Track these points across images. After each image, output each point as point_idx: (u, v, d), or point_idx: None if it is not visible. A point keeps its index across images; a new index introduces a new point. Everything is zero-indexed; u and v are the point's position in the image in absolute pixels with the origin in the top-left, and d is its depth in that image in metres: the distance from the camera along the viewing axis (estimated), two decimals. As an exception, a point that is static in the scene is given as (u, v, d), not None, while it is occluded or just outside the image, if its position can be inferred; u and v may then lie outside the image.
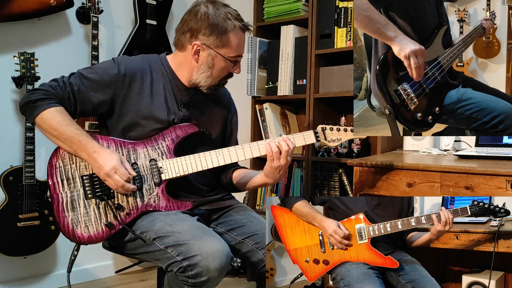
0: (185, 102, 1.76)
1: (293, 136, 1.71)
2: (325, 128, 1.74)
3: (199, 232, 1.54)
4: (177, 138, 1.71)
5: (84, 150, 1.60)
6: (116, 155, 1.61)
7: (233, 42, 1.70)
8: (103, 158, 1.58)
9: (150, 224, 1.60)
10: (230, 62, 1.73)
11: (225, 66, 1.72)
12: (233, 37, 1.70)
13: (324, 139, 1.74)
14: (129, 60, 1.75)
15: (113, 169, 1.58)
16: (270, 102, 3.15)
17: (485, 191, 1.79)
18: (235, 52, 1.72)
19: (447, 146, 2.28)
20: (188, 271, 1.47)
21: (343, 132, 1.74)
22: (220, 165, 1.70)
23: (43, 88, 1.66)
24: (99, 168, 1.59)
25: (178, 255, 1.50)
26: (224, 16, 1.68)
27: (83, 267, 2.81)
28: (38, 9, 2.47)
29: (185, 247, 1.49)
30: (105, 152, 1.60)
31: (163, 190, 1.66)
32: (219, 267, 1.48)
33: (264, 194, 3.17)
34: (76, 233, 1.61)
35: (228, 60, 1.72)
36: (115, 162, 1.59)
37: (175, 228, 1.55)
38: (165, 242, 1.53)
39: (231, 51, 1.71)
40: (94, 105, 1.69)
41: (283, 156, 1.66)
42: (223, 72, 1.74)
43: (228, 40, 1.69)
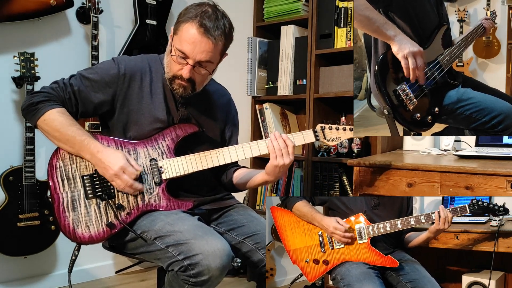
0: (184, 102, 1.76)
1: (292, 135, 1.71)
2: (324, 127, 1.74)
3: (200, 232, 1.54)
4: (177, 137, 1.71)
5: (87, 150, 1.60)
6: (121, 154, 1.61)
7: (182, 32, 1.60)
8: (109, 159, 1.58)
9: (150, 223, 1.60)
10: (175, 54, 1.62)
11: (172, 57, 1.64)
12: (185, 28, 1.60)
13: (324, 138, 1.74)
14: (129, 59, 1.75)
15: (121, 169, 1.58)
16: (270, 102, 3.15)
17: (485, 191, 1.79)
18: (181, 45, 1.60)
19: (447, 146, 2.28)
20: (189, 270, 1.47)
21: (342, 131, 1.74)
22: (220, 164, 1.70)
23: (44, 90, 1.66)
24: (105, 169, 1.59)
25: (179, 254, 1.50)
26: (196, 12, 1.61)
27: (83, 267, 2.81)
28: (38, 9, 2.47)
29: (186, 246, 1.49)
30: (109, 151, 1.60)
31: (163, 190, 1.66)
32: (220, 266, 1.48)
33: (264, 194, 3.17)
34: (77, 233, 1.61)
35: (172, 50, 1.63)
36: (122, 162, 1.58)
37: (176, 227, 1.55)
38: (166, 242, 1.53)
39: (178, 41, 1.62)
40: (95, 105, 1.69)
41: (285, 154, 1.66)
42: (173, 64, 1.65)
43: (181, 28, 1.61)
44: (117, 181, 1.59)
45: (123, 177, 1.58)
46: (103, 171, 1.60)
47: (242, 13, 3.23)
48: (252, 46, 3.10)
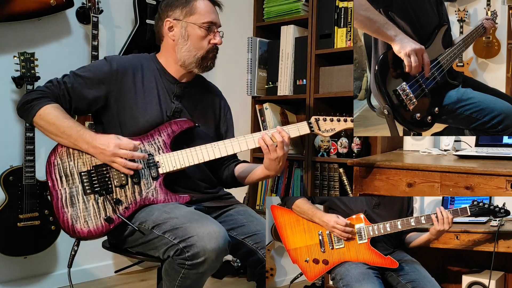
0: (177, 95, 1.80)
1: (287, 127, 1.73)
2: (319, 118, 1.76)
3: (196, 216, 1.55)
4: (173, 133, 1.72)
5: (83, 140, 1.63)
6: (112, 135, 1.65)
7: (200, 7, 1.75)
8: (102, 141, 1.62)
9: (147, 214, 1.62)
10: (204, 29, 1.75)
11: (200, 34, 1.75)
12: (199, 4, 1.75)
13: (318, 129, 1.76)
14: (120, 57, 1.81)
15: (116, 146, 1.61)
16: (270, 102, 3.15)
17: (485, 191, 1.79)
18: (206, 18, 1.75)
19: (447, 146, 2.28)
20: (184, 253, 1.48)
21: (336, 122, 1.75)
22: (216, 157, 1.72)
23: (38, 89, 1.71)
24: (102, 153, 1.62)
25: (175, 238, 1.51)
26: None
27: (83, 267, 2.81)
28: (38, 9, 2.47)
29: (181, 230, 1.50)
30: (102, 136, 1.65)
31: (160, 184, 1.68)
32: (216, 248, 1.47)
33: (264, 194, 3.17)
34: (75, 228, 1.62)
35: (201, 28, 1.74)
36: (114, 140, 1.62)
37: (172, 214, 1.56)
38: (162, 228, 1.55)
39: (201, 17, 1.75)
40: (89, 101, 1.72)
41: (279, 147, 1.68)
42: (202, 41, 1.76)
43: (195, 7, 1.75)
44: (117, 160, 1.61)
45: (120, 152, 1.61)
46: (102, 156, 1.63)
47: (242, 13, 3.23)
48: (252, 46, 3.10)
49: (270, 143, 1.69)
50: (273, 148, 1.68)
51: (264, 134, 1.71)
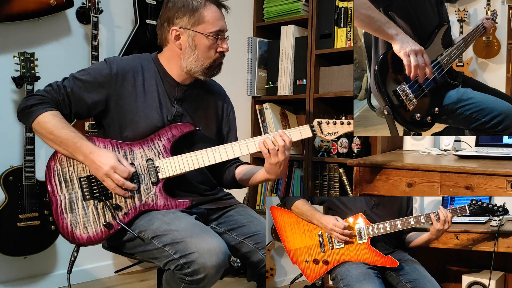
0: (178, 98, 1.77)
1: (289, 130, 1.71)
2: (321, 122, 1.73)
3: (196, 230, 1.54)
4: (173, 137, 1.71)
5: (80, 152, 1.61)
6: (112, 154, 1.62)
7: (208, 17, 1.70)
8: (100, 159, 1.59)
9: (148, 223, 1.60)
10: (212, 38, 1.71)
11: (208, 44, 1.72)
12: (206, 12, 1.70)
13: (321, 132, 1.73)
14: (120, 59, 1.76)
15: (112, 168, 1.58)
16: (270, 102, 3.15)
17: (485, 191, 1.79)
18: (214, 27, 1.71)
19: (447, 146, 2.28)
20: (185, 268, 1.48)
21: (339, 125, 1.73)
22: (216, 162, 1.70)
23: (38, 93, 1.69)
24: (97, 169, 1.59)
25: (175, 253, 1.50)
26: None
27: (83, 267, 2.81)
28: (38, 9, 2.47)
29: (182, 245, 1.49)
30: (101, 152, 1.61)
31: (160, 189, 1.67)
32: (216, 265, 1.48)
33: (264, 194, 3.17)
34: (75, 234, 1.61)
35: (209, 37, 1.71)
36: (113, 161, 1.59)
37: (173, 226, 1.55)
38: (162, 241, 1.54)
39: (209, 26, 1.71)
40: (89, 105, 1.70)
41: (280, 152, 1.66)
42: (209, 51, 1.73)
43: (202, 16, 1.70)
44: (108, 181, 1.59)
45: (114, 176, 1.58)
46: (95, 172, 1.61)
47: (242, 13, 3.23)
48: (252, 46, 3.10)
49: (271, 147, 1.65)
50: (274, 152, 1.66)
51: (266, 138, 1.68)
